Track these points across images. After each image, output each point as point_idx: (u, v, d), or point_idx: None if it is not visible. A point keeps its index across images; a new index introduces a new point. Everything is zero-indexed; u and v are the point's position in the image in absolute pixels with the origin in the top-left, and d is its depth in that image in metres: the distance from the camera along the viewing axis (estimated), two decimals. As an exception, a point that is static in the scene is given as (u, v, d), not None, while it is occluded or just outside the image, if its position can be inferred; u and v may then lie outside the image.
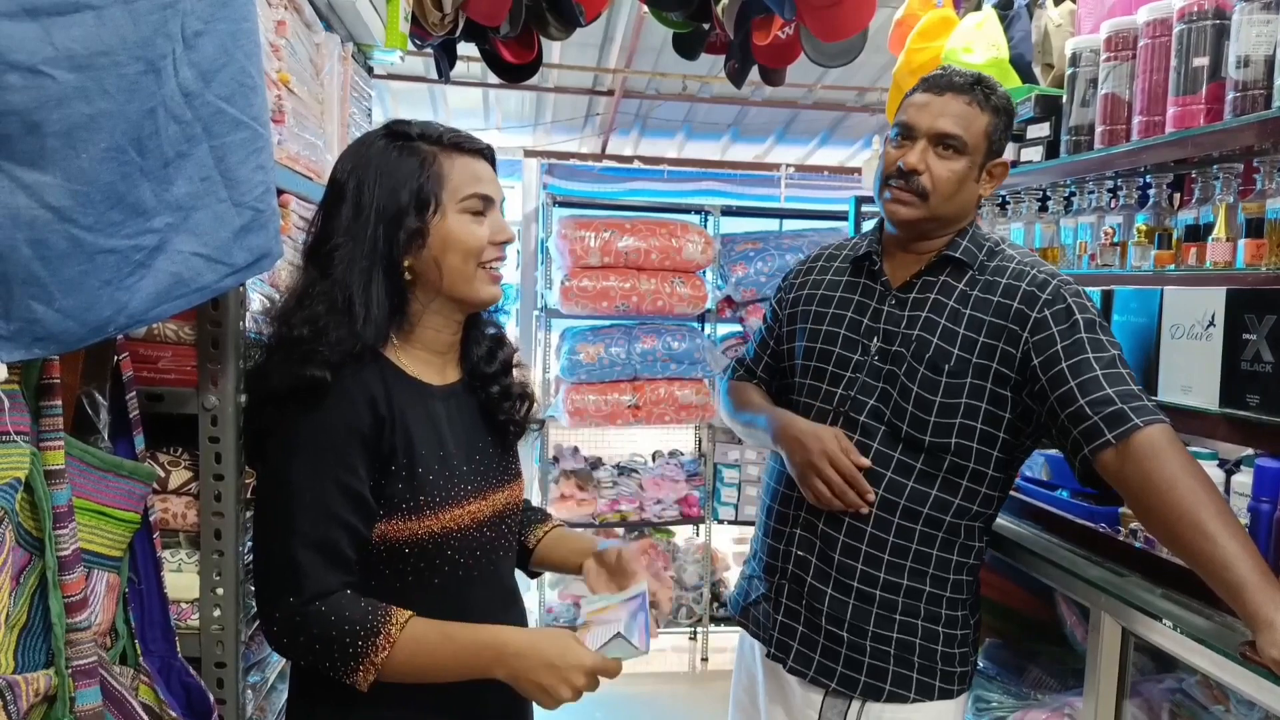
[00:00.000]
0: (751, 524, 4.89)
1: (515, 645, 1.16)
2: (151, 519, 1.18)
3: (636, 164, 5.63)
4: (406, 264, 1.24)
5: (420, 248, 1.24)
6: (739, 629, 1.80)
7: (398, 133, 1.26)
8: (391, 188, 1.22)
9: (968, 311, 1.51)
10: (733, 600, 1.82)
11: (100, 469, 1.04)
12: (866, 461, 1.51)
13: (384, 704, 1.20)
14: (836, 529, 1.55)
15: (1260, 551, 1.23)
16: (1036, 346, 1.45)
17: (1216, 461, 1.56)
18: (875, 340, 1.57)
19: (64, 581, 0.94)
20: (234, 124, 0.98)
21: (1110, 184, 1.89)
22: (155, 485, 1.20)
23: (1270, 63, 1.40)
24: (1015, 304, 1.48)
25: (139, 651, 1.15)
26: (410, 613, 1.17)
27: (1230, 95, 1.47)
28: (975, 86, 1.53)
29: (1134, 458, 1.31)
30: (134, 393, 1.16)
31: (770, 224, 4.99)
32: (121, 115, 0.84)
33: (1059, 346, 1.43)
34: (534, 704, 1.41)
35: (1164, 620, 1.34)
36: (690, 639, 4.74)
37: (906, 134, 1.54)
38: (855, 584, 1.54)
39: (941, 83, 1.54)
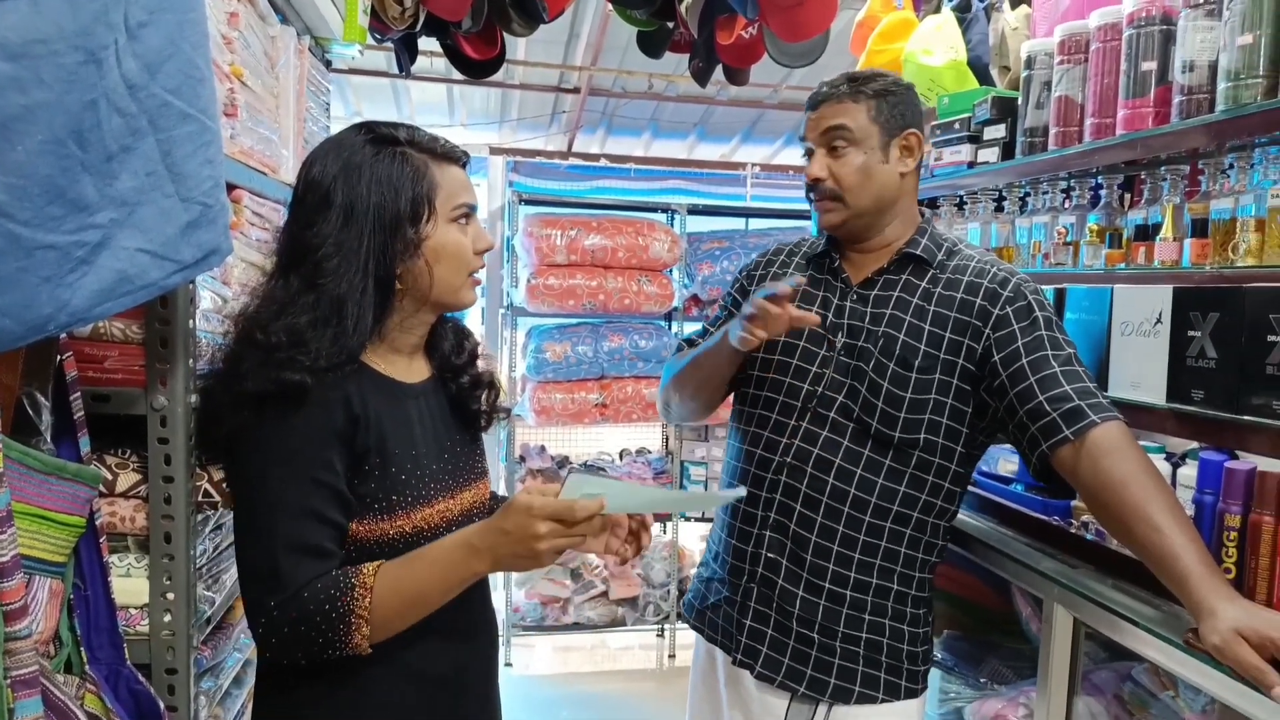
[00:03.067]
0: (718, 522, 4.90)
1: (477, 531, 1.15)
2: (98, 523, 1.15)
3: (603, 162, 5.63)
4: (398, 273, 1.23)
5: (414, 258, 1.23)
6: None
7: (385, 137, 1.23)
8: (388, 197, 1.20)
9: (933, 308, 1.53)
10: (687, 604, 1.79)
11: (42, 472, 1.01)
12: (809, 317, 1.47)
13: (349, 685, 1.20)
14: (809, 529, 1.55)
15: (1204, 541, 1.26)
16: (998, 343, 1.47)
17: (1164, 455, 1.59)
18: (840, 336, 1.58)
19: (1, 589, 0.91)
20: (181, 117, 0.97)
21: (1064, 184, 1.91)
22: (102, 488, 1.18)
23: (1213, 68, 1.43)
24: (979, 300, 1.51)
25: (85, 659, 1.12)
26: (379, 561, 1.16)
27: (1177, 99, 1.50)
28: (842, 86, 1.59)
29: (1090, 454, 1.34)
30: (78, 393, 1.13)
31: (736, 223, 5.00)
32: (60, 107, 0.82)
33: (1019, 343, 1.45)
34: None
35: (1113, 610, 1.37)
36: (658, 635, 4.75)
37: (808, 152, 1.63)
38: (827, 584, 1.54)
39: (814, 100, 1.62)
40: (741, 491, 1.54)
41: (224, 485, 1.34)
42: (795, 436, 1.57)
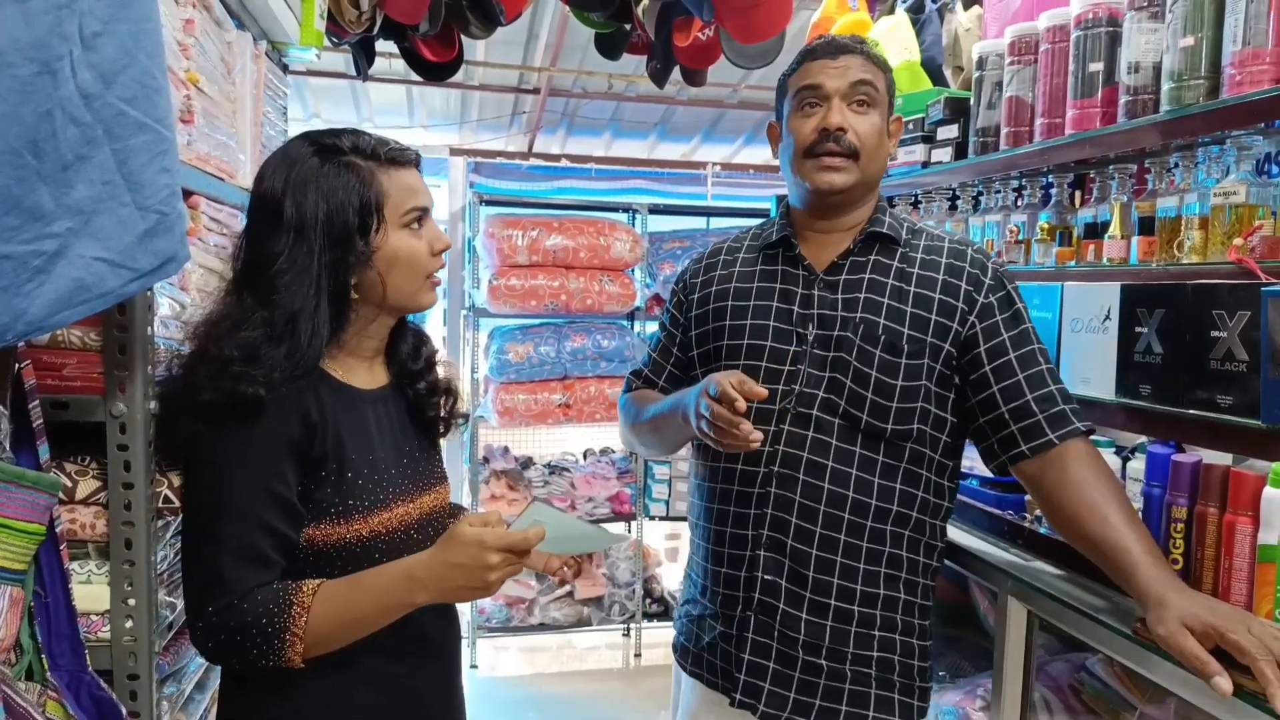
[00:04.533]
0: (683, 520, 4.91)
1: (420, 564, 1.15)
2: (58, 530, 1.14)
3: (564, 162, 5.63)
4: (353, 283, 1.23)
5: (366, 268, 1.23)
6: (669, 634, 1.66)
7: (330, 148, 1.23)
8: (335, 209, 1.20)
9: (912, 289, 1.45)
10: (678, 646, 1.62)
11: (0, 480, 1.00)
12: (763, 391, 1.30)
13: (310, 687, 1.20)
14: (808, 542, 1.42)
15: (1152, 532, 1.30)
16: (984, 333, 1.42)
17: (1114, 449, 1.63)
18: (811, 327, 1.46)
19: (-38, 597, 0.91)
20: (137, 126, 0.97)
21: (1015, 183, 1.95)
22: (61, 495, 1.17)
23: (1157, 69, 1.47)
24: (963, 285, 1.45)
25: (46, 666, 1.12)
26: (320, 580, 1.17)
27: (1123, 99, 1.53)
28: (864, 45, 1.50)
29: (1064, 458, 1.35)
30: (37, 401, 1.12)
31: (698, 222, 5.04)
32: (15, 118, 0.82)
33: (1005, 337, 1.42)
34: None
35: (1065, 602, 1.40)
36: (624, 635, 4.77)
37: (816, 99, 1.46)
38: (832, 602, 1.42)
39: (831, 48, 1.47)
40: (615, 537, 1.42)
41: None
42: (779, 442, 1.44)
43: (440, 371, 1.43)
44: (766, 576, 1.44)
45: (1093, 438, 1.42)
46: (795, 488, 1.42)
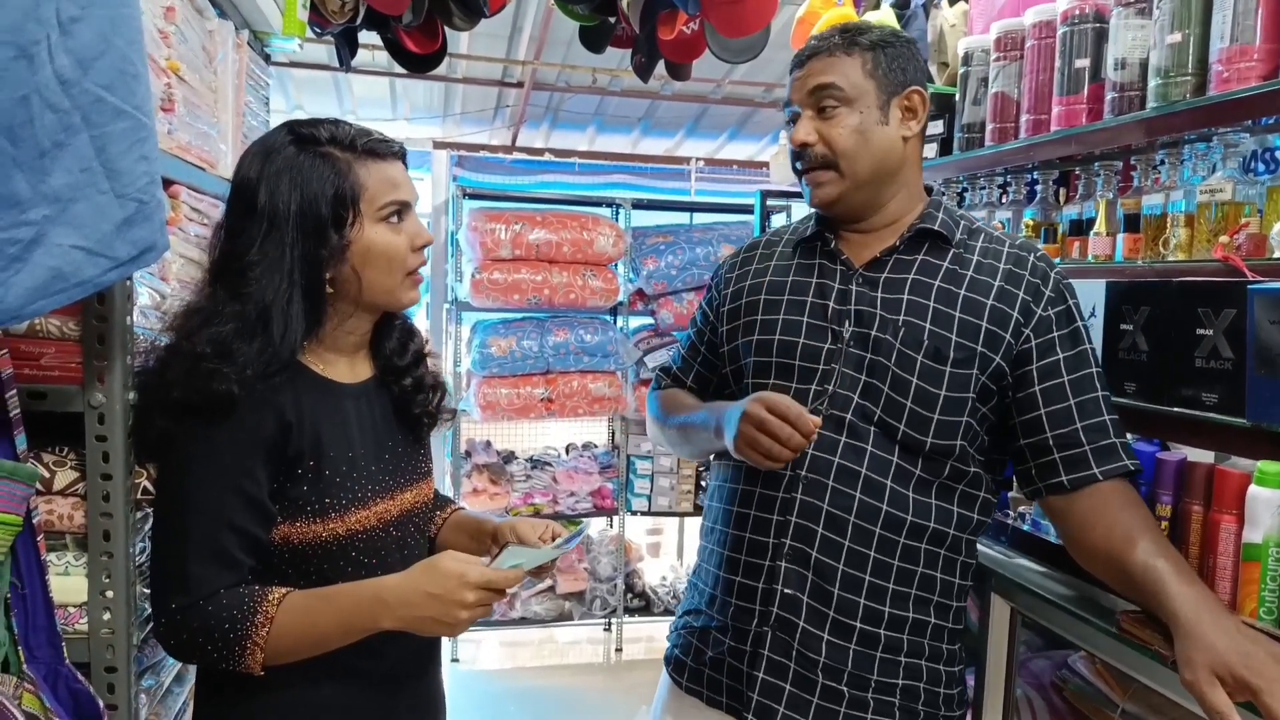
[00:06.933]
0: (665, 515, 4.94)
1: (391, 588, 1.14)
2: (35, 521, 1.13)
3: (547, 156, 5.62)
4: (328, 277, 1.20)
5: (341, 262, 1.20)
6: (660, 636, 1.56)
7: (306, 137, 1.20)
8: (308, 201, 1.17)
9: (964, 293, 1.33)
10: (672, 659, 1.50)
11: (-24, 471, 0.99)
12: (817, 420, 1.25)
13: (287, 684, 1.19)
14: (835, 556, 1.31)
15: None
16: (1038, 349, 1.31)
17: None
18: (847, 325, 1.36)
19: (-64, 590, 0.90)
20: (115, 113, 0.95)
21: (1000, 180, 1.95)
22: (39, 486, 1.16)
23: (1144, 65, 1.47)
24: (1021, 294, 1.33)
25: (22, 659, 1.11)
26: (288, 589, 1.16)
27: (1109, 96, 1.53)
28: (835, 37, 1.38)
29: (1106, 495, 1.26)
30: (14, 390, 1.11)
31: (681, 217, 5.03)
32: (-10, 103, 0.81)
33: (1060, 357, 1.31)
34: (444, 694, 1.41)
35: (1048, 599, 1.40)
36: (605, 630, 4.77)
37: (792, 116, 1.42)
38: (858, 624, 1.31)
39: (801, 57, 1.41)
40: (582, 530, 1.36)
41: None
42: (809, 445, 1.32)
43: (428, 366, 1.41)
44: (787, 590, 1.33)
45: None
46: (824, 495, 1.32)
